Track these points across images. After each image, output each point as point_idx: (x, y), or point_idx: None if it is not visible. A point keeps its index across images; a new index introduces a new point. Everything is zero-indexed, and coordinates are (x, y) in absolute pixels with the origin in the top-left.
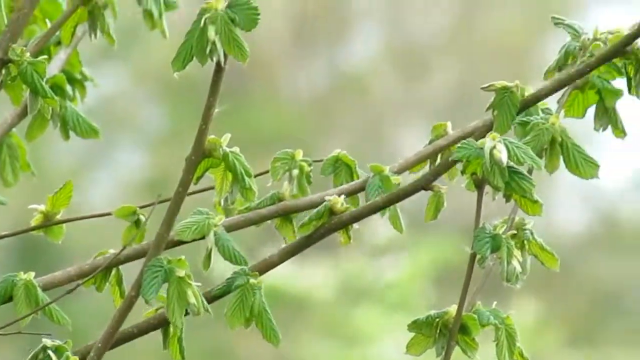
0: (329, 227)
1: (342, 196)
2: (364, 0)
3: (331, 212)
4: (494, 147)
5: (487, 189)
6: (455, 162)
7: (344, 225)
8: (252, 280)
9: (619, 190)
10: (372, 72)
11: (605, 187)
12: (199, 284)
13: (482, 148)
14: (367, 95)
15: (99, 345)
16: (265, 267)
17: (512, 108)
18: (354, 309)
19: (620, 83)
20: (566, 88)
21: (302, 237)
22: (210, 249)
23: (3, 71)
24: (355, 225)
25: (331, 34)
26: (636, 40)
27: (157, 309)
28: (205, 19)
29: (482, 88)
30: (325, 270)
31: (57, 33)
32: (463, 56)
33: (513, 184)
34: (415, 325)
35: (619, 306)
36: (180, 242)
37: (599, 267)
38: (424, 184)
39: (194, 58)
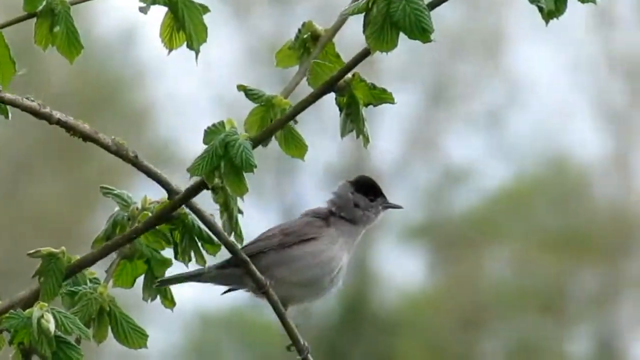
0: None
1: None
2: None
3: None
4: (42, 316)
5: (35, 358)
6: (2, 332)
7: None
8: None
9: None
10: None
11: (151, 355)
12: None
13: (30, 317)
14: None
15: None
16: None
17: (59, 274)
18: None
19: (169, 253)
20: (116, 257)
21: None
22: None
23: None
24: None
25: None
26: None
27: None
28: None
29: (28, 254)
30: None
31: None
32: (9, 228)
33: (61, 353)
34: None
35: None
36: None
37: None
38: None
39: None
